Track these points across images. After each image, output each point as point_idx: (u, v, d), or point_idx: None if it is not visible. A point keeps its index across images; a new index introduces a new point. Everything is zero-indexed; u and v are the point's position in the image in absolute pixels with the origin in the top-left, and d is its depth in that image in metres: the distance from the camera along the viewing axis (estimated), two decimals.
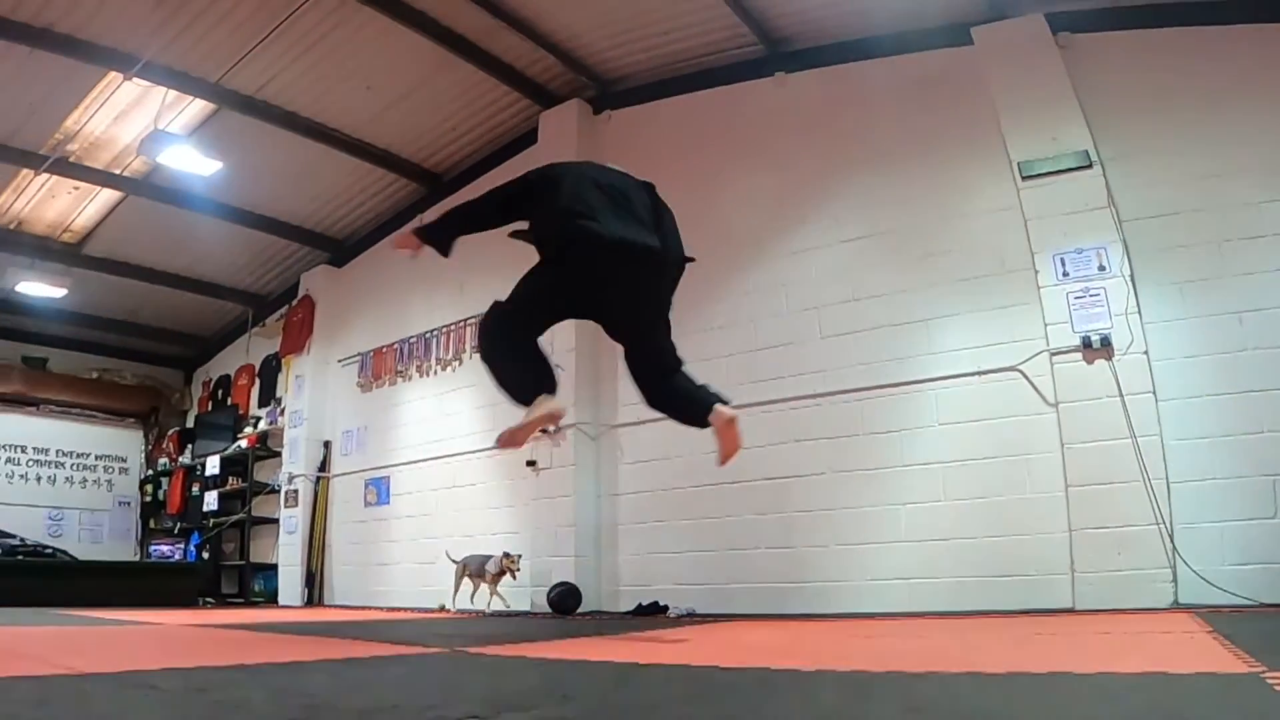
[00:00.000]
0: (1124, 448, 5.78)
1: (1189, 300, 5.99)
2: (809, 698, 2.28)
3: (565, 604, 7.67)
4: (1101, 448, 5.89)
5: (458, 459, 9.70)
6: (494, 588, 8.16)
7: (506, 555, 8.07)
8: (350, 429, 11.50)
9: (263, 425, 12.80)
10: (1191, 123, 6.28)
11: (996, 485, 6.39)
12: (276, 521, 11.82)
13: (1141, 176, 6.31)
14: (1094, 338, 6.06)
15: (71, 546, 12.27)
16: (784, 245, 7.84)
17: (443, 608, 8.92)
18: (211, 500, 12.67)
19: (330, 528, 11.39)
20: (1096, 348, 6.05)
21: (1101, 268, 6.16)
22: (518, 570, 8.09)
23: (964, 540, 6.43)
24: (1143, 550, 5.60)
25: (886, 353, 7.06)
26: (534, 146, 9.54)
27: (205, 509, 12.73)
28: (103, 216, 11.18)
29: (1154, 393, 5.86)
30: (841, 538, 6.97)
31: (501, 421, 4.22)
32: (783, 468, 7.24)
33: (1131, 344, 5.96)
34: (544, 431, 8.13)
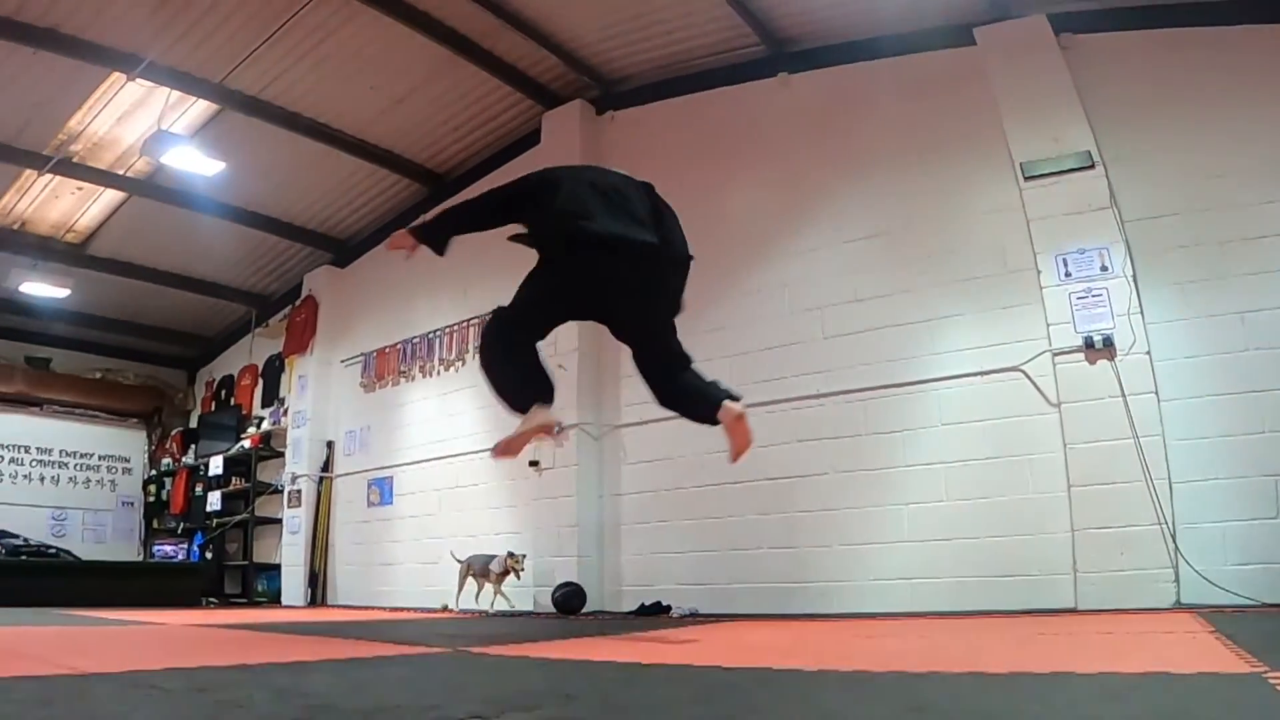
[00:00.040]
0: (1126, 448, 5.78)
1: (1191, 300, 5.99)
2: (811, 698, 2.28)
3: (570, 604, 7.67)
4: (1104, 448, 5.89)
5: (461, 459, 9.69)
6: (498, 587, 8.17)
7: (510, 555, 8.08)
8: (353, 429, 11.50)
9: (266, 425, 12.80)
10: (1193, 123, 6.28)
11: (999, 485, 6.39)
12: (280, 522, 11.82)
13: (1144, 177, 6.31)
14: (1096, 338, 6.06)
15: (75, 547, 12.28)
16: (787, 245, 7.85)
17: (445, 608, 8.93)
18: (215, 500, 12.69)
19: (333, 528, 11.39)
20: (1099, 348, 6.05)
21: (1104, 268, 6.16)
22: (522, 570, 8.10)
23: (966, 540, 6.43)
24: (1145, 550, 5.60)
25: (889, 353, 7.07)
26: (537, 147, 9.55)
27: (208, 509, 12.76)
28: (106, 217, 11.19)
29: (1156, 393, 5.86)
30: (844, 538, 6.98)
31: (504, 422, 4.24)
32: (785, 468, 7.25)
33: (1134, 344, 5.96)
34: (552, 435, 8.19)
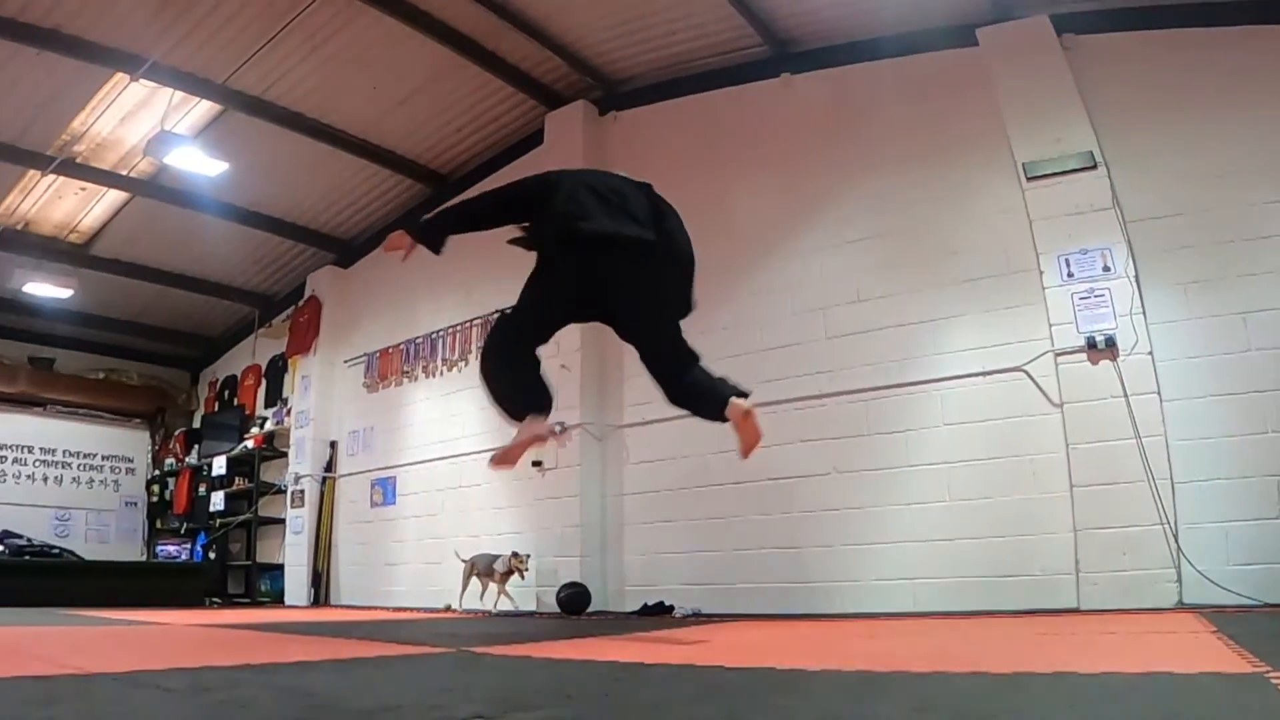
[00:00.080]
0: (1128, 448, 5.78)
1: (1193, 301, 5.99)
2: (814, 698, 2.29)
3: (576, 604, 7.68)
4: (1106, 448, 5.90)
5: (464, 459, 9.69)
6: (502, 587, 8.18)
7: (515, 555, 8.09)
8: (356, 429, 11.52)
9: (269, 426, 12.82)
10: (1195, 124, 6.28)
11: (1001, 485, 6.40)
12: (283, 522, 11.83)
13: (1146, 177, 6.31)
14: (1099, 338, 6.07)
15: (78, 547, 12.32)
16: (790, 246, 7.85)
17: (449, 608, 8.94)
18: (218, 500, 12.71)
19: (336, 528, 11.40)
20: (1101, 348, 6.05)
21: (1106, 268, 6.17)
22: (526, 570, 8.10)
23: (969, 540, 6.43)
24: (1147, 550, 5.60)
25: (892, 353, 7.07)
26: (540, 147, 9.56)
27: (212, 509, 12.78)
28: (109, 217, 11.21)
29: (1158, 393, 5.86)
30: (847, 538, 6.98)
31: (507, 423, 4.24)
32: (788, 468, 7.25)
33: (1136, 344, 5.96)
34: (551, 440, 8.19)
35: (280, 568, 11.70)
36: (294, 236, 12.07)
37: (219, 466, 12.88)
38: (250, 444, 12.77)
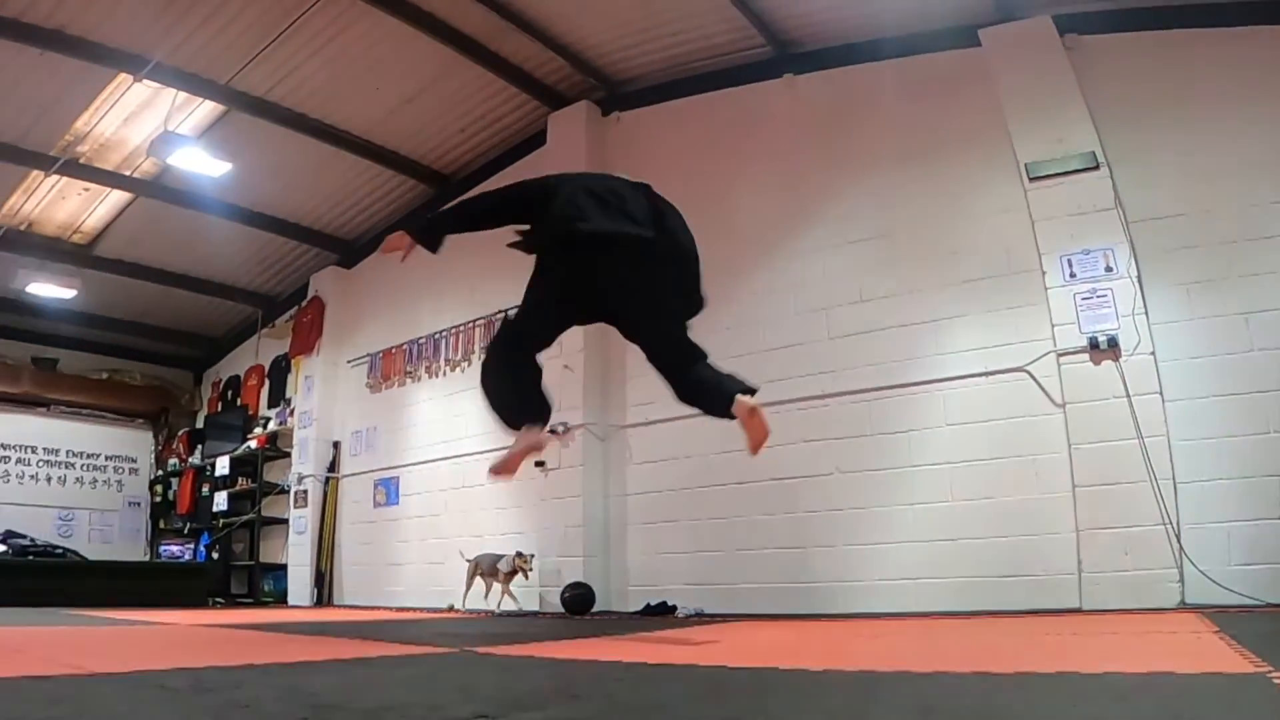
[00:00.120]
0: (1131, 448, 5.78)
1: (1195, 301, 6.00)
2: (817, 698, 2.29)
3: (580, 605, 7.68)
4: (1108, 448, 5.90)
5: (467, 459, 9.68)
6: (506, 587, 8.17)
7: (519, 554, 8.09)
8: (359, 429, 11.52)
9: (272, 426, 12.83)
10: (1198, 124, 6.28)
11: (1004, 485, 6.40)
12: (286, 522, 11.84)
13: (1148, 178, 6.31)
14: (1101, 339, 6.07)
15: (82, 547, 12.30)
16: (792, 246, 7.85)
17: (452, 607, 8.94)
18: (221, 501, 12.71)
19: (339, 528, 11.42)
20: (1103, 348, 6.05)
21: (1108, 269, 6.17)
22: (530, 570, 8.11)
23: (971, 540, 6.43)
24: (1150, 550, 5.60)
25: (894, 353, 7.07)
26: (543, 148, 9.57)
27: (215, 509, 12.78)
28: (113, 218, 11.21)
29: (1161, 393, 5.86)
30: (849, 538, 6.98)
31: None
32: (791, 468, 7.25)
33: (1138, 345, 5.96)
34: (558, 442, 8.21)
35: (283, 568, 11.71)
36: (297, 237, 12.07)
37: (222, 467, 12.89)
38: (253, 444, 12.79)
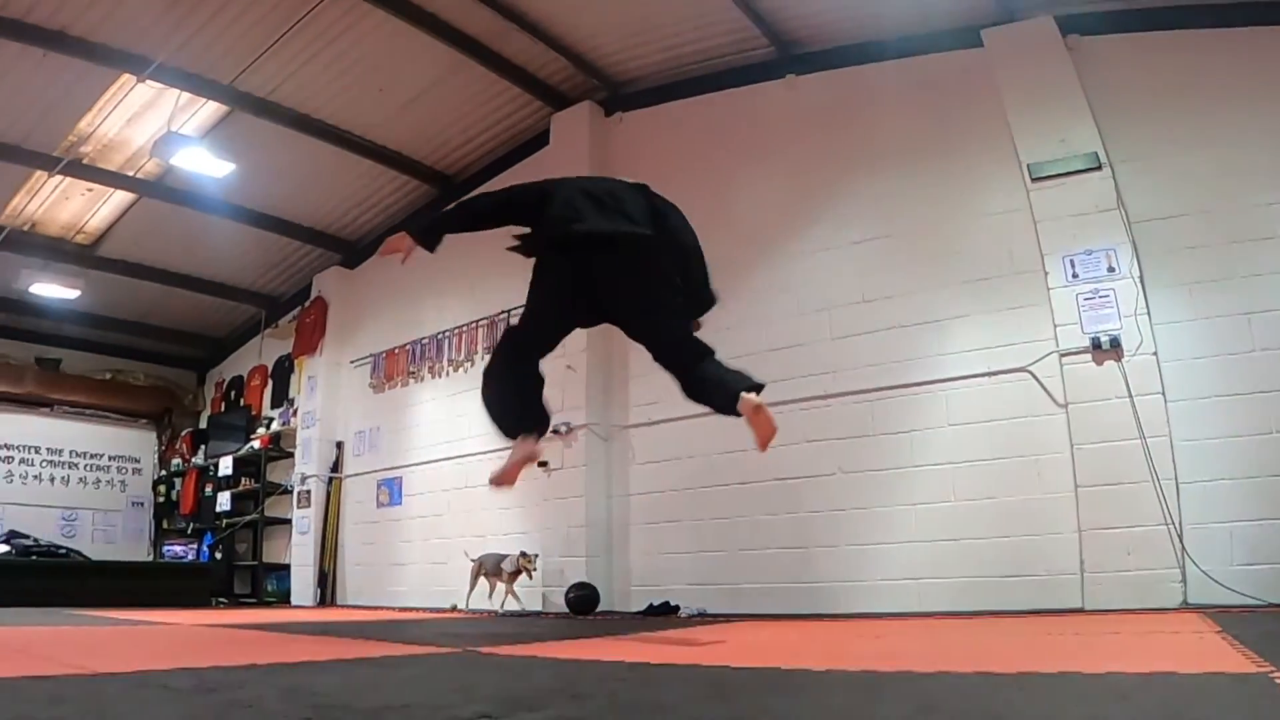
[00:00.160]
0: (1133, 448, 5.78)
1: (1198, 301, 5.99)
2: (819, 697, 2.29)
3: (585, 606, 7.68)
4: (1111, 448, 5.90)
5: (470, 459, 9.68)
6: (510, 587, 8.17)
7: (523, 554, 8.09)
8: (362, 430, 11.53)
9: (275, 426, 12.84)
10: (1200, 124, 6.28)
11: (1006, 486, 6.40)
12: (289, 522, 11.85)
13: (1150, 178, 6.31)
14: (1103, 339, 6.06)
15: (85, 547, 12.32)
16: (794, 246, 7.85)
17: (454, 607, 8.95)
18: (224, 501, 12.73)
19: (343, 528, 11.43)
20: (1106, 349, 6.05)
21: (1111, 269, 6.16)
22: (534, 570, 8.11)
23: (974, 540, 6.43)
24: (1152, 551, 5.60)
25: (897, 353, 7.07)
26: (546, 148, 9.58)
27: (218, 509, 12.79)
28: (116, 218, 11.23)
29: (1163, 393, 5.86)
30: (852, 538, 6.99)
31: None
32: (793, 468, 7.25)
33: (1141, 345, 5.96)
34: (558, 432, 8.21)
35: (286, 568, 11.72)
36: (300, 237, 12.08)
37: (225, 467, 12.91)
38: (257, 444, 12.81)
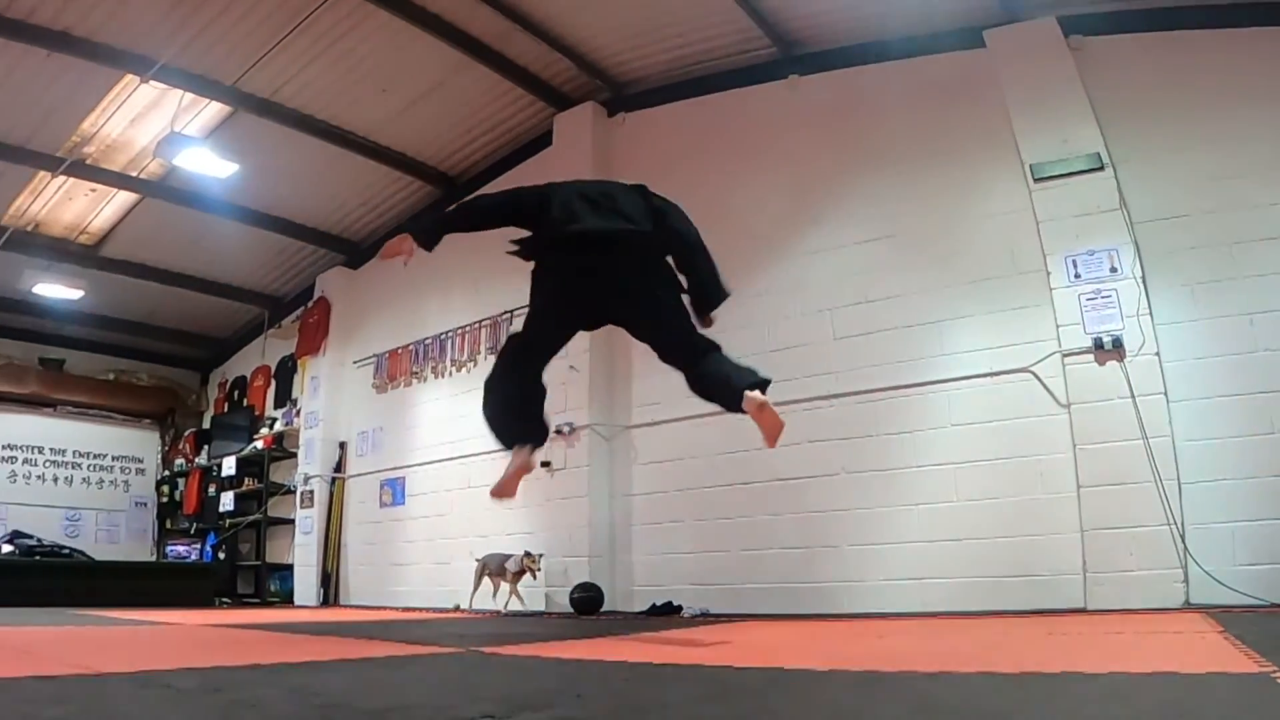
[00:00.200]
0: (1135, 448, 5.78)
1: (1200, 302, 5.99)
2: (822, 697, 2.30)
3: (590, 606, 7.67)
4: (1113, 448, 5.89)
5: (473, 459, 9.66)
6: (514, 586, 8.17)
7: (528, 554, 8.07)
8: (366, 430, 11.54)
9: (279, 426, 12.84)
10: (1202, 125, 6.27)
11: (1008, 486, 6.39)
12: (292, 522, 11.86)
13: (1153, 179, 6.31)
14: (1106, 339, 6.06)
15: (88, 547, 12.35)
16: (797, 247, 7.85)
17: (458, 607, 8.95)
18: (228, 501, 12.73)
19: (346, 528, 11.43)
20: (1108, 349, 6.05)
21: (1113, 269, 6.16)
22: (539, 570, 8.10)
23: (976, 540, 6.43)
24: (1154, 550, 5.60)
25: (899, 354, 7.07)
26: (548, 149, 9.58)
27: (221, 509, 12.79)
28: (119, 218, 11.24)
29: (1165, 394, 5.86)
30: (854, 538, 6.98)
31: None
32: (796, 468, 7.25)
33: (1143, 345, 5.96)
34: (561, 433, 8.22)
35: (290, 568, 11.72)
36: (303, 238, 12.08)
37: (229, 467, 12.91)
38: (260, 444, 12.81)
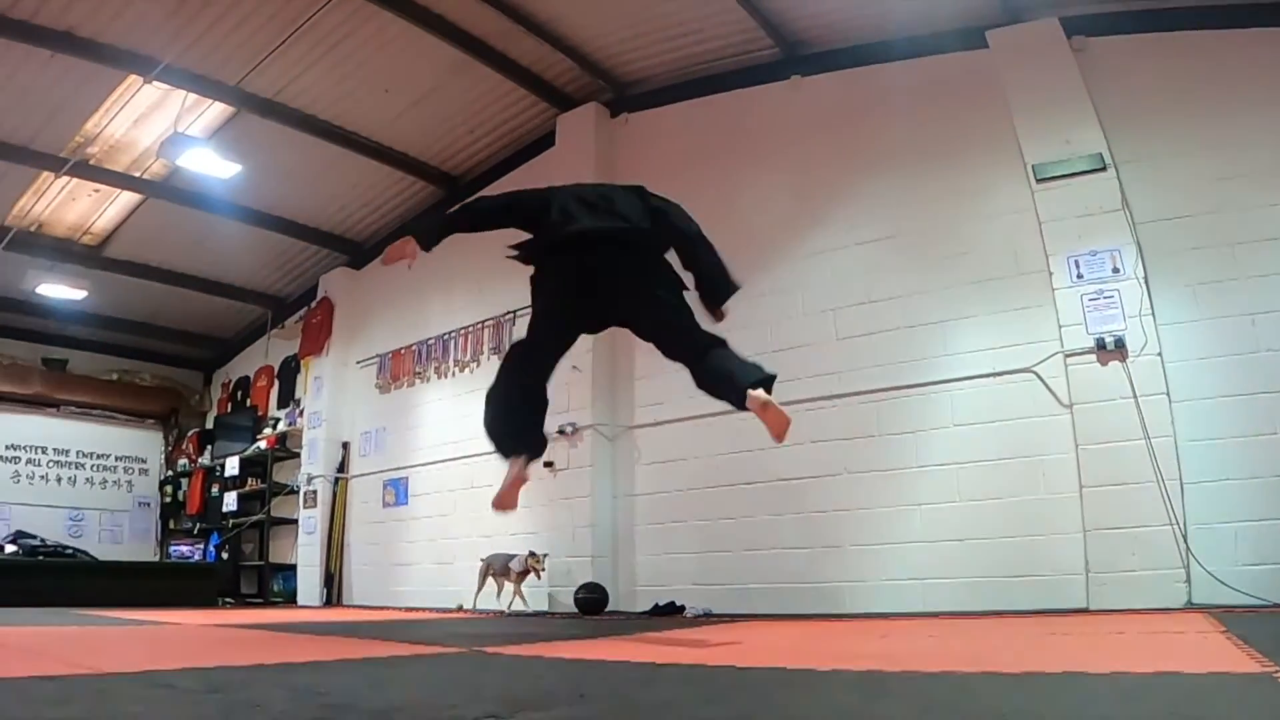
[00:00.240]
0: (1138, 449, 5.78)
1: (1202, 302, 5.99)
2: (824, 697, 2.30)
3: (594, 607, 7.68)
4: (1115, 449, 5.89)
5: (476, 460, 9.64)
6: (518, 587, 8.17)
7: (532, 554, 8.07)
8: (369, 430, 11.55)
9: (282, 426, 12.86)
10: (1205, 125, 6.28)
11: (1011, 486, 6.39)
12: (295, 522, 11.87)
13: (1155, 179, 6.31)
14: (1108, 339, 6.06)
15: (91, 547, 12.36)
16: (800, 247, 7.85)
17: (460, 607, 8.95)
18: (231, 501, 12.76)
19: (349, 528, 11.43)
20: (1110, 349, 6.05)
21: (1115, 270, 6.16)
22: (543, 569, 8.10)
23: (978, 541, 6.43)
24: (1156, 551, 5.60)
25: (902, 354, 7.07)
26: (551, 149, 9.59)
27: (224, 510, 12.83)
28: (123, 219, 11.25)
29: (1168, 394, 5.86)
30: (857, 538, 6.98)
31: None
32: (799, 468, 7.25)
33: (1145, 346, 5.95)
34: (563, 433, 8.23)
35: (293, 568, 11.73)
36: (306, 238, 12.10)
37: (232, 467, 12.94)
38: (263, 445, 12.83)
